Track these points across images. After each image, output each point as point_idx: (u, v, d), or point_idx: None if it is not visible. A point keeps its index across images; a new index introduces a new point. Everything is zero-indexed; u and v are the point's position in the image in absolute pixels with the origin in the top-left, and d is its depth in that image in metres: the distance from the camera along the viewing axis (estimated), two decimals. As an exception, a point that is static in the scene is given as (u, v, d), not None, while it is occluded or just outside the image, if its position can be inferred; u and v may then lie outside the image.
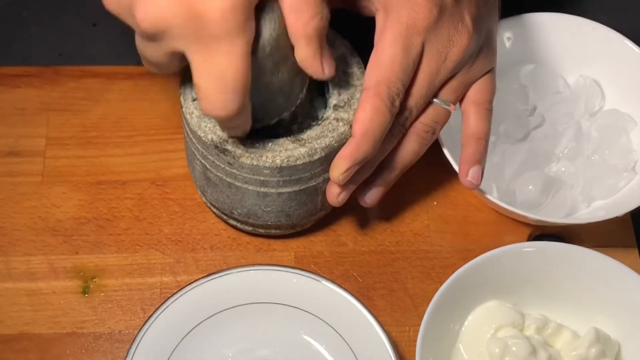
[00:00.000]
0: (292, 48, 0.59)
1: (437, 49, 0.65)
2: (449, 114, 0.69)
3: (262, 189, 0.66)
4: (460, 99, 0.69)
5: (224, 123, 0.62)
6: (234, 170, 0.65)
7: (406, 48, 0.64)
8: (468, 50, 0.66)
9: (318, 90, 0.68)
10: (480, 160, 0.69)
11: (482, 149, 0.69)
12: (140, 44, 0.59)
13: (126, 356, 0.67)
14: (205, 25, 0.55)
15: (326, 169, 0.66)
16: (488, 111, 0.69)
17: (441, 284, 0.66)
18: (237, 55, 0.56)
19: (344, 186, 0.67)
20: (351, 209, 0.74)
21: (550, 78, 0.79)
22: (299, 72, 0.61)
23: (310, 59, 0.59)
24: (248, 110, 0.60)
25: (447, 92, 0.68)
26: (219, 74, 0.56)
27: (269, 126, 0.65)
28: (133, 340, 0.67)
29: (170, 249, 0.74)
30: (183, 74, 0.66)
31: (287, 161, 0.64)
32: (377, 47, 0.64)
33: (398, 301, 0.73)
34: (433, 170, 0.77)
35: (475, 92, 0.69)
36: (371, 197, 0.70)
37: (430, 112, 0.68)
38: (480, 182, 0.69)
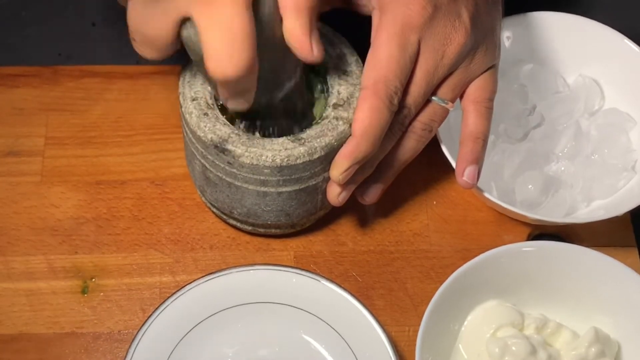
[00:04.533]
0: None
1: (433, 46, 0.65)
2: (446, 111, 0.69)
3: (262, 189, 0.66)
4: (461, 96, 0.69)
5: (231, 86, 0.59)
6: (234, 170, 0.65)
7: (402, 46, 0.64)
8: (465, 47, 0.66)
9: (317, 90, 0.68)
10: (477, 159, 0.69)
11: (479, 148, 0.69)
12: (141, 15, 0.58)
13: (125, 356, 0.67)
14: None
15: (326, 168, 0.66)
16: (487, 110, 0.69)
17: (441, 284, 0.65)
18: (241, 6, 0.55)
19: (344, 185, 0.67)
20: (351, 208, 0.74)
21: (549, 77, 0.79)
22: None
23: (298, 34, 0.57)
24: (255, 69, 0.58)
25: (445, 90, 0.68)
26: (226, 27, 0.55)
27: (274, 118, 0.65)
28: (132, 340, 0.67)
29: (169, 248, 0.74)
30: (182, 74, 0.66)
31: (287, 160, 0.64)
32: (373, 46, 0.64)
33: (397, 301, 0.73)
34: (432, 169, 0.77)
35: (474, 90, 0.69)
36: (370, 194, 0.70)
37: (428, 110, 0.68)
38: (477, 181, 0.69)
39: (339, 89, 0.67)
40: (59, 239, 0.74)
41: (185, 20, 0.57)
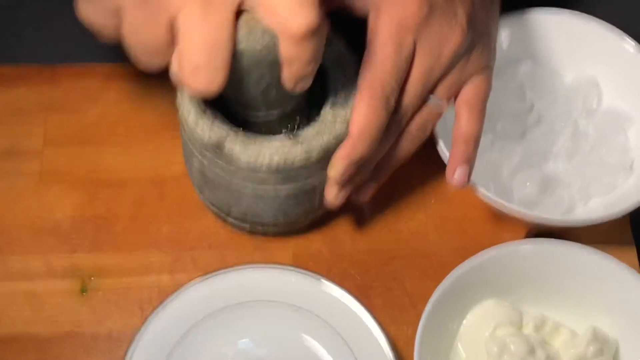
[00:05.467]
0: None
1: (430, 46, 0.65)
2: (442, 112, 0.69)
3: (260, 188, 0.66)
4: (455, 96, 0.69)
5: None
6: (232, 169, 0.65)
7: (398, 46, 0.64)
8: (461, 47, 0.66)
9: (315, 90, 0.68)
10: (468, 160, 0.69)
11: (470, 149, 0.69)
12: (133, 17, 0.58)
13: (125, 355, 0.67)
14: None
15: (323, 168, 0.66)
16: (480, 111, 0.69)
17: (439, 283, 0.66)
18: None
19: (342, 186, 0.67)
20: (349, 208, 0.74)
21: (547, 76, 0.79)
22: None
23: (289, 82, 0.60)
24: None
25: (441, 90, 0.68)
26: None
27: (272, 121, 0.65)
28: (132, 340, 0.67)
29: (168, 248, 0.74)
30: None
31: (285, 160, 0.64)
32: (369, 47, 0.64)
33: (396, 300, 0.73)
34: (430, 168, 0.77)
35: (468, 92, 0.69)
36: (363, 193, 0.71)
37: (424, 111, 0.68)
38: (467, 182, 0.69)
39: (336, 88, 0.67)
40: (57, 238, 0.74)
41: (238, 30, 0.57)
